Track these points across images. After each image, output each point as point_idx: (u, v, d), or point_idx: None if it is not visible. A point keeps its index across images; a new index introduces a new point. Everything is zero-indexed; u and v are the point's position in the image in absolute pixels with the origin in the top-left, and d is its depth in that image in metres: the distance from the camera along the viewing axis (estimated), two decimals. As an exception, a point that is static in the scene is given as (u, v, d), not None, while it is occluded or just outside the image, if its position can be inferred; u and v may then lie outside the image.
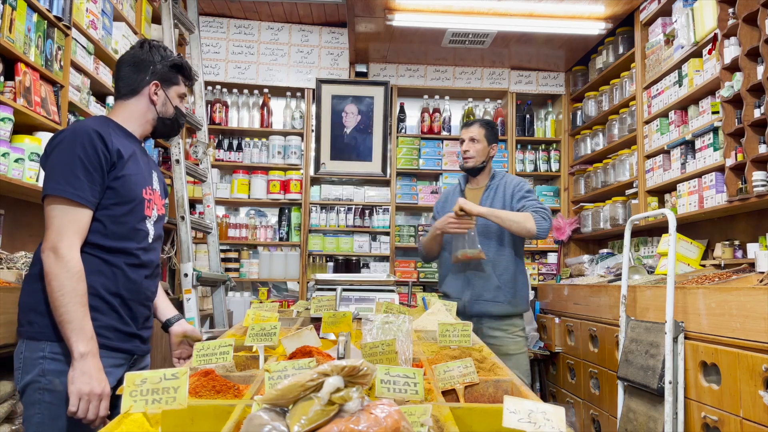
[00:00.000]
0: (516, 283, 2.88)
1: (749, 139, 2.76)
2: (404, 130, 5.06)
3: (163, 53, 1.85)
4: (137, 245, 1.72)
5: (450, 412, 0.99)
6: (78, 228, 1.58)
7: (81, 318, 1.53)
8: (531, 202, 2.80)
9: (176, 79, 1.87)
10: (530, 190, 2.89)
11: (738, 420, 2.14)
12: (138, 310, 1.75)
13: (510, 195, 2.89)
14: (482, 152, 2.94)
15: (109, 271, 1.66)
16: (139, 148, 1.82)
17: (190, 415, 1.00)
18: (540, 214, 2.72)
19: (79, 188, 1.57)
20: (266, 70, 4.86)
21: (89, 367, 1.52)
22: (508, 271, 2.87)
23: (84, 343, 1.52)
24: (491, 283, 2.83)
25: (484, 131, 2.95)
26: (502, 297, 2.84)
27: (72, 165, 1.58)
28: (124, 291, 1.69)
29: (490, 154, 2.98)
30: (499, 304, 2.84)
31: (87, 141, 1.61)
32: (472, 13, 4.07)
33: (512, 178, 2.97)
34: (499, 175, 3.00)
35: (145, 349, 1.81)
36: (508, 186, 2.92)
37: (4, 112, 2.27)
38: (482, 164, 2.96)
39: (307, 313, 2.20)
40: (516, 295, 2.88)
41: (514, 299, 2.87)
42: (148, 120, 1.84)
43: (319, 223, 4.90)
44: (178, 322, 1.96)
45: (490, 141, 2.97)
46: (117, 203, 1.66)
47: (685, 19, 3.32)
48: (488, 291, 2.83)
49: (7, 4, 2.27)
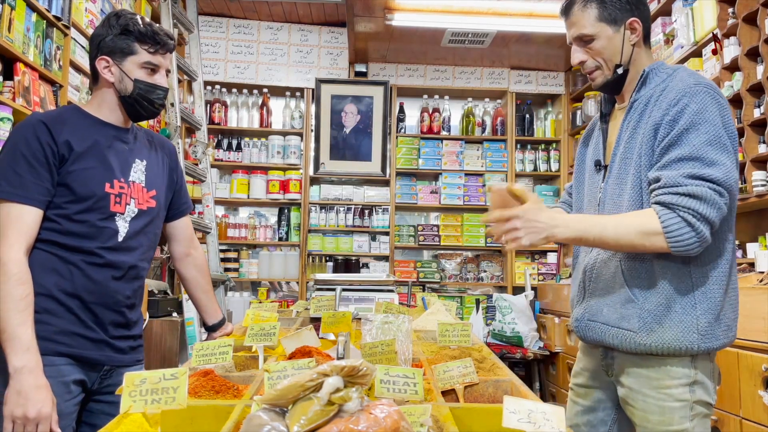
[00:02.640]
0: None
1: (749, 138, 2.76)
2: (404, 129, 5.05)
3: (115, 21, 1.54)
4: (100, 244, 1.52)
5: (449, 412, 0.99)
6: (21, 228, 1.42)
7: (15, 326, 1.35)
8: (676, 168, 1.30)
9: (131, 47, 1.54)
10: (698, 123, 1.30)
11: (738, 420, 2.14)
12: (105, 314, 1.55)
13: (651, 132, 1.38)
14: (613, 51, 1.46)
15: (65, 270, 1.49)
16: (115, 137, 1.59)
17: (190, 416, 1.00)
18: (687, 212, 1.27)
19: (20, 186, 1.43)
20: (266, 70, 4.86)
21: (24, 386, 1.33)
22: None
23: (18, 356, 1.34)
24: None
25: (597, 11, 1.45)
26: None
27: (14, 162, 1.44)
28: (85, 293, 1.50)
29: (632, 41, 1.46)
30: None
31: (30, 134, 1.46)
32: (471, 12, 4.07)
33: (679, 79, 1.40)
34: (655, 74, 1.46)
35: (123, 359, 1.60)
36: (660, 104, 1.38)
37: (3, 111, 2.27)
38: (621, 75, 1.48)
39: (306, 313, 2.19)
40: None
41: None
42: (115, 103, 1.59)
43: (318, 223, 4.90)
44: (221, 330, 1.87)
45: (619, 19, 1.45)
46: (71, 201, 1.49)
47: (685, 18, 3.32)
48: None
49: (6, 3, 2.27)
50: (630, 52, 1.47)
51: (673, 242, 1.27)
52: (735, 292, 1.40)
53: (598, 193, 1.51)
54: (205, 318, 1.91)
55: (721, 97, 1.33)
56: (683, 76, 1.39)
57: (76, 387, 1.51)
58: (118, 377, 1.56)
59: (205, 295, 1.90)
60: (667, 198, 1.28)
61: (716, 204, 1.26)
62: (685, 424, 1.35)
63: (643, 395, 1.39)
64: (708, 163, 1.27)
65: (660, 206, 1.29)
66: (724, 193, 1.27)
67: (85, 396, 1.56)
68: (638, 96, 1.46)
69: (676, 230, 1.26)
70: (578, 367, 1.62)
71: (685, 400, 1.36)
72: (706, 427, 1.39)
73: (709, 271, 1.35)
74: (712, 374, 1.39)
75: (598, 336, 1.46)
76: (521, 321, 4.12)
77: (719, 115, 1.30)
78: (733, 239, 1.39)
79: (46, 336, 1.44)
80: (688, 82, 1.36)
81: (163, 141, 1.80)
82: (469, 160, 5.03)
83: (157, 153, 1.74)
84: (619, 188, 1.44)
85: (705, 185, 1.26)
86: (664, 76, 1.44)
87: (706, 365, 1.38)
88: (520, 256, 5.01)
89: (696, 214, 1.26)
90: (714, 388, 1.39)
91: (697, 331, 1.33)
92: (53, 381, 1.41)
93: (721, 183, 1.26)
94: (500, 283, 4.99)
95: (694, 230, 1.26)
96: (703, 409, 1.37)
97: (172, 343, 3.22)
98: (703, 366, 1.37)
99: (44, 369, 1.39)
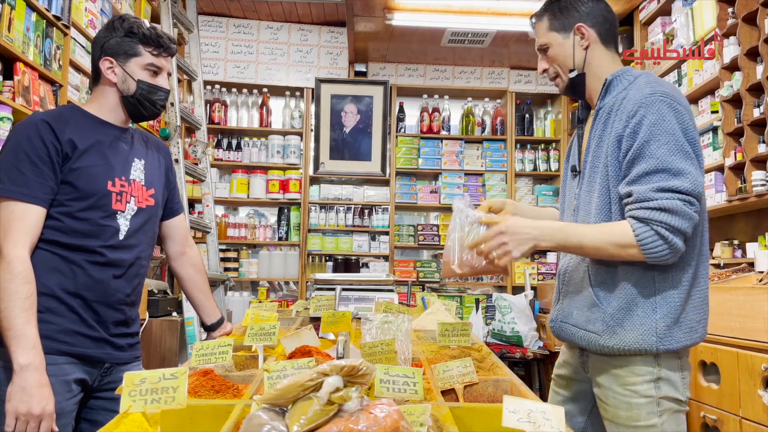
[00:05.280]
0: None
1: (748, 138, 2.76)
2: (403, 129, 5.05)
3: (119, 24, 1.59)
4: (102, 243, 1.54)
5: (449, 411, 0.99)
6: (25, 226, 1.43)
7: (22, 324, 1.37)
8: (645, 183, 1.33)
9: (135, 49, 1.59)
10: (659, 134, 1.33)
11: (737, 419, 2.14)
12: (106, 313, 1.56)
13: (615, 143, 1.42)
14: (564, 57, 1.54)
15: (67, 269, 1.50)
16: (115, 136, 1.62)
17: (189, 415, 1.00)
18: (659, 226, 1.31)
19: (23, 185, 1.44)
20: (265, 70, 4.86)
21: (28, 383, 1.35)
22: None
23: (25, 353, 1.36)
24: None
25: (548, 22, 1.55)
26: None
27: (17, 161, 1.45)
28: (86, 291, 1.52)
29: (583, 45, 1.52)
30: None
31: (33, 133, 1.47)
32: (471, 12, 4.07)
33: (637, 88, 1.42)
34: (618, 81, 1.50)
35: (122, 357, 1.63)
36: (620, 114, 1.42)
37: (3, 111, 2.27)
38: (577, 78, 1.55)
39: (306, 312, 2.19)
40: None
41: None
42: (116, 103, 1.62)
43: (318, 222, 4.90)
44: (220, 329, 1.88)
45: (567, 26, 1.53)
46: (74, 198, 1.51)
47: (685, 18, 3.32)
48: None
49: (5, 3, 2.27)
50: (582, 56, 1.53)
51: (648, 254, 1.32)
52: (702, 294, 1.43)
53: (574, 200, 1.57)
54: (204, 317, 1.91)
55: (679, 103, 1.35)
56: (641, 85, 1.42)
57: (77, 386, 1.52)
58: (118, 374, 1.60)
59: (202, 294, 1.91)
60: (640, 213, 1.32)
61: (687, 215, 1.30)
62: (653, 419, 1.39)
63: (612, 392, 1.44)
64: (674, 173, 1.31)
65: (634, 220, 1.34)
66: (695, 202, 1.31)
67: (85, 393, 1.57)
68: (602, 104, 1.50)
69: (650, 243, 1.31)
70: (561, 359, 1.67)
71: (650, 396, 1.40)
72: (679, 422, 1.42)
73: (673, 276, 1.39)
74: (680, 370, 1.42)
75: (569, 337, 1.53)
76: (521, 321, 4.12)
77: (677, 123, 1.33)
78: (703, 243, 1.43)
79: (49, 335, 1.45)
80: (644, 92, 1.38)
81: (157, 142, 1.84)
82: (469, 160, 5.03)
83: (154, 153, 1.77)
84: (589, 195, 1.50)
85: (675, 197, 1.30)
86: (626, 83, 1.47)
87: (672, 362, 1.41)
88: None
89: (668, 227, 1.30)
90: (683, 383, 1.42)
91: (656, 334, 1.38)
92: (55, 379, 1.43)
93: (690, 192, 1.30)
94: (500, 283, 4.99)
95: (666, 242, 1.31)
96: (671, 404, 1.41)
97: (172, 343, 3.22)
98: (668, 363, 1.41)
99: (47, 368, 1.41)
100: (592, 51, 1.52)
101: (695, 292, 1.41)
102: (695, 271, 1.41)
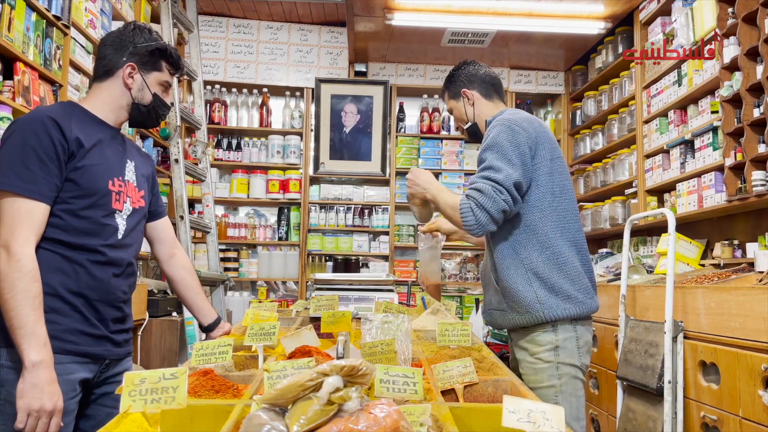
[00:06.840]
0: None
1: (748, 138, 2.75)
2: (403, 129, 5.05)
3: (148, 36, 1.66)
4: (102, 242, 1.56)
5: (449, 411, 0.99)
6: (32, 224, 1.43)
7: (33, 322, 1.38)
8: (478, 174, 1.80)
9: (158, 65, 1.67)
10: (492, 145, 1.80)
11: (737, 420, 2.14)
12: (106, 311, 1.59)
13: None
14: (461, 114, 2.07)
15: (70, 269, 1.51)
16: (111, 136, 1.65)
17: (189, 415, 1.00)
18: (471, 200, 1.72)
19: (30, 182, 1.43)
20: (265, 70, 4.86)
21: (40, 379, 1.37)
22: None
23: (36, 351, 1.37)
24: None
25: (446, 93, 2.11)
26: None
27: (24, 156, 1.44)
28: (88, 291, 1.54)
29: (470, 103, 2.04)
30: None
31: (41, 129, 1.46)
32: (471, 12, 4.07)
33: (496, 122, 1.90)
34: (492, 121, 1.97)
35: (119, 352, 1.66)
36: (486, 136, 1.90)
37: (3, 111, 2.27)
38: (472, 127, 2.06)
39: (306, 312, 2.19)
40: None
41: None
42: (123, 105, 1.66)
43: (318, 222, 4.90)
44: (218, 329, 1.89)
45: (458, 93, 2.06)
46: (77, 196, 1.51)
47: (685, 18, 3.32)
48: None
49: (5, 3, 2.27)
50: (472, 112, 2.05)
51: (463, 221, 1.72)
52: (575, 271, 1.78)
53: None
54: (200, 318, 1.92)
55: (517, 125, 1.80)
56: (499, 118, 1.90)
57: (79, 385, 1.54)
58: (114, 369, 1.65)
59: (196, 295, 1.93)
60: (468, 191, 1.75)
61: (492, 197, 1.69)
62: (553, 381, 1.76)
63: (525, 362, 1.81)
64: (496, 170, 1.73)
65: (463, 194, 1.77)
66: (503, 191, 1.70)
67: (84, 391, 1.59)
68: (486, 137, 1.90)
69: (463, 212, 1.72)
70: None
71: (550, 361, 1.77)
72: (576, 388, 1.78)
73: (536, 258, 1.77)
74: (576, 340, 1.78)
75: (491, 319, 1.90)
76: (521, 321, 4.12)
77: (507, 139, 1.78)
78: (561, 235, 1.79)
79: (54, 334, 1.46)
80: (496, 121, 1.89)
81: (139, 146, 1.92)
82: (469, 160, 5.02)
83: (140, 156, 1.81)
84: None
85: (488, 183, 1.71)
86: (493, 122, 1.92)
87: (569, 332, 1.77)
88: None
89: (476, 202, 1.70)
90: (579, 351, 1.78)
91: (538, 301, 1.75)
92: (60, 379, 1.44)
93: (501, 182, 1.70)
94: (500, 283, 4.98)
95: (473, 214, 1.70)
96: (569, 369, 1.76)
97: (172, 343, 3.23)
98: (564, 333, 1.76)
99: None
100: (478, 106, 2.04)
101: (568, 270, 1.77)
102: (557, 254, 1.77)
